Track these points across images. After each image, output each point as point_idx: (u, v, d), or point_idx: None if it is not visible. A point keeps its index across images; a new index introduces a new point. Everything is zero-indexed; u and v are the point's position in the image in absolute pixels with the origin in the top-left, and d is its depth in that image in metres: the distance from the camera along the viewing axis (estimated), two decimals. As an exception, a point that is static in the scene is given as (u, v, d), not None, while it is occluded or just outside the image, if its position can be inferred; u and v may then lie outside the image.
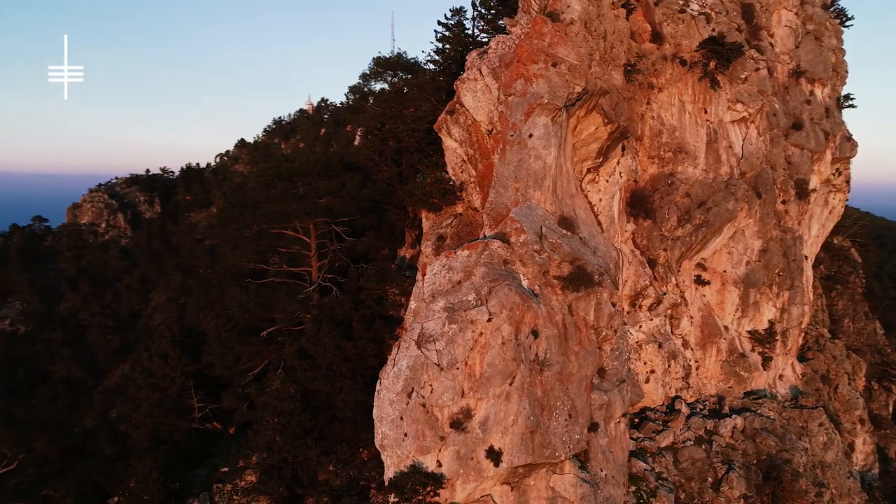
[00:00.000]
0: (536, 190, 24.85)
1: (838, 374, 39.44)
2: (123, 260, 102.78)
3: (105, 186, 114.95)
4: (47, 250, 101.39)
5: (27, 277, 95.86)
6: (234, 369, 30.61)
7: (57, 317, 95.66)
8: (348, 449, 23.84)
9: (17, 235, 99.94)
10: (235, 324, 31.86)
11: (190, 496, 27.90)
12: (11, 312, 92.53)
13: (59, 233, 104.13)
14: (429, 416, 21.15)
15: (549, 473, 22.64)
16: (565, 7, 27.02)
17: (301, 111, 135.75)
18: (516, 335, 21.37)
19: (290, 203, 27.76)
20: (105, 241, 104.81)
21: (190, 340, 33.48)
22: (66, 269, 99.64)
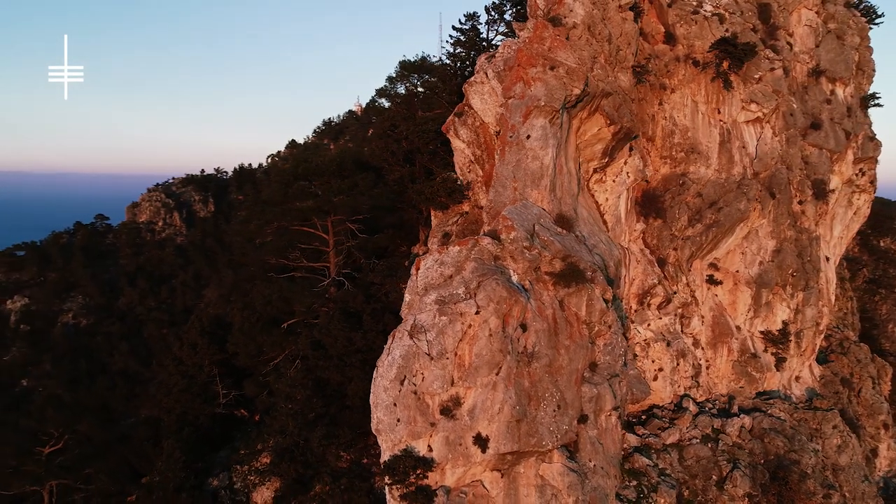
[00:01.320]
0: (534, 189, 25.77)
1: (862, 377, 38.83)
2: (178, 257, 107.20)
3: (162, 186, 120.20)
4: (108, 247, 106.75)
5: (89, 273, 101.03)
6: (256, 359, 32.43)
7: (116, 311, 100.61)
8: (350, 433, 25.21)
9: (81, 233, 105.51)
10: (259, 316, 33.73)
11: (211, 476, 29.83)
12: (74, 306, 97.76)
13: (119, 230, 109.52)
14: (420, 402, 22.30)
15: (539, 462, 23.49)
16: (568, 12, 27.84)
17: (350, 112, 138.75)
18: (503, 327, 22.35)
19: (305, 201, 29.35)
20: (161, 239, 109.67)
21: (219, 331, 35.49)
22: (126, 265, 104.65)
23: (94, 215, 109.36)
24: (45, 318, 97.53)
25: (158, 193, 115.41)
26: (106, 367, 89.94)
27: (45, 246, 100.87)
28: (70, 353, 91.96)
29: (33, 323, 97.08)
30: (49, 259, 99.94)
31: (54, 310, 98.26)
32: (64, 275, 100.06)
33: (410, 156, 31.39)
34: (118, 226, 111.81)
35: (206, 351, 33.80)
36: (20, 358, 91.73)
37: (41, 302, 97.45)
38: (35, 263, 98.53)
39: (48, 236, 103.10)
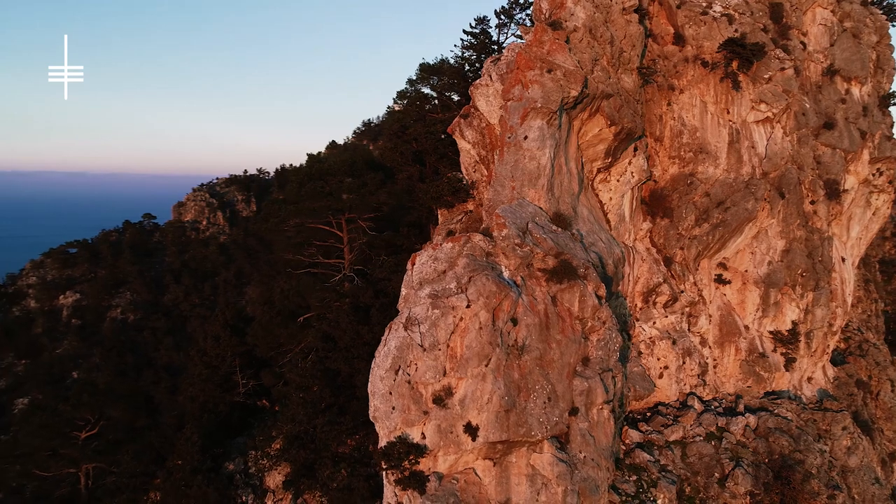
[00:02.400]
0: (531, 188, 26.58)
1: (881, 380, 38.33)
2: (221, 255, 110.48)
3: (207, 186, 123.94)
4: (155, 245, 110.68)
5: (137, 270, 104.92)
6: (274, 351, 33.97)
7: (162, 307, 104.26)
8: (352, 421, 26.40)
9: (129, 231, 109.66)
10: (279, 310, 35.29)
11: (228, 460, 31.47)
12: (122, 302, 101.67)
13: (166, 229, 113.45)
14: (414, 392, 23.36)
15: (530, 452, 24.30)
16: (569, 15, 28.58)
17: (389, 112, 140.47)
18: (493, 321, 23.26)
19: (318, 200, 30.72)
20: (206, 238, 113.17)
21: (241, 325, 37.17)
22: (171, 262, 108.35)
23: (142, 214, 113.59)
24: (96, 312, 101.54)
25: (203, 193, 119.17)
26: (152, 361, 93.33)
27: (96, 243, 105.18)
28: (118, 347, 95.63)
29: (84, 317, 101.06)
30: (99, 256, 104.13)
31: (104, 305, 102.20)
32: (113, 271, 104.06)
33: (420, 156, 32.49)
34: (164, 224, 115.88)
35: (229, 343, 35.51)
36: (71, 350, 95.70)
37: (92, 297, 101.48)
38: (86, 260, 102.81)
39: (98, 234, 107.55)
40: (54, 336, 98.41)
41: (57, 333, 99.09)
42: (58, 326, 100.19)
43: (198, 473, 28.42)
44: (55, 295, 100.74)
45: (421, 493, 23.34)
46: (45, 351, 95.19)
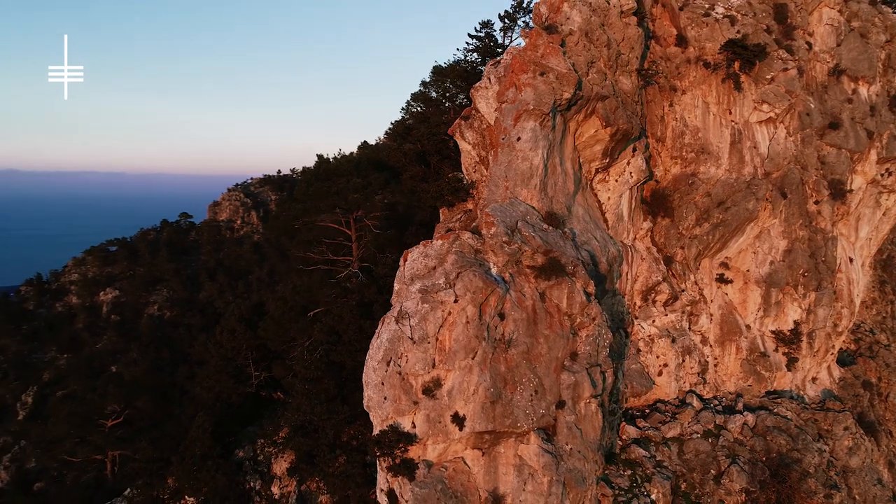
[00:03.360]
0: (523, 188, 27.38)
1: (890, 382, 38.02)
2: (255, 254, 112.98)
3: (241, 186, 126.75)
4: (191, 244, 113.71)
5: (173, 267, 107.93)
6: (286, 344, 35.33)
7: (197, 304, 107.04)
8: (350, 410, 27.51)
9: (167, 230, 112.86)
10: (291, 305, 36.67)
11: (238, 448, 32.95)
12: (159, 299, 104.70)
13: (201, 228, 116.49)
14: (404, 382, 24.37)
15: (518, 443, 25.09)
16: (564, 20, 29.31)
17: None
18: (480, 315, 24.15)
19: (324, 199, 31.97)
20: (240, 237, 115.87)
21: (256, 319, 38.67)
22: (206, 261, 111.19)
23: (179, 213, 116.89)
24: (134, 309, 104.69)
25: (238, 193, 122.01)
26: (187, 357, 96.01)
27: (135, 242, 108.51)
28: (154, 343, 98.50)
29: (123, 314, 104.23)
30: (138, 254, 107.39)
31: (141, 302, 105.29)
32: (151, 269, 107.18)
33: (424, 157, 33.52)
34: (200, 223, 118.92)
35: (243, 336, 37.03)
36: (110, 346, 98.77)
37: (130, 294, 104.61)
38: (125, 258, 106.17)
39: (137, 233, 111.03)
40: (94, 331, 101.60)
41: (97, 329, 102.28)
42: (98, 322, 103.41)
43: (208, 459, 29.91)
44: (96, 291, 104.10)
45: (410, 480, 24.33)
46: (85, 346, 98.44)
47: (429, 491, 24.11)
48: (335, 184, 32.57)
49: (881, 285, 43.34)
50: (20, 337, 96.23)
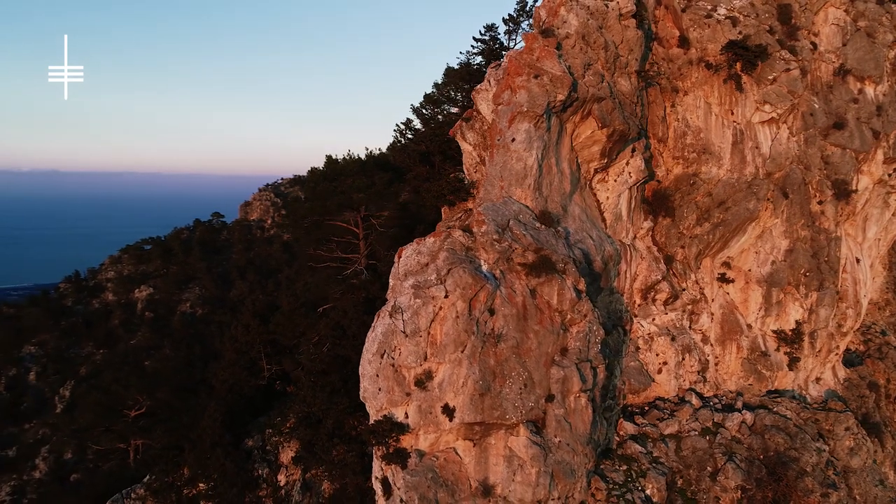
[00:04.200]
0: (518, 188, 28.13)
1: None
2: (284, 253, 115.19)
3: (271, 186, 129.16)
4: (223, 243, 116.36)
5: (205, 266, 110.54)
6: (297, 339, 36.59)
7: (228, 302, 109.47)
8: (349, 401, 28.57)
9: (199, 229, 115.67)
10: (303, 301, 37.96)
11: (248, 437, 34.31)
12: (192, 296, 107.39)
13: (233, 227, 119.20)
14: (398, 374, 25.35)
15: (508, 435, 25.88)
16: (561, 23, 29.99)
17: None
18: (470, 310, 24.99)
19: (331, 198, 33.13)
20: (270, 236, 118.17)
21: (270, 314, 40.03)
22: (237, 259, 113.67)
23: (211, 213, 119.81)
24: (167, 306, 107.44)
25: (268, 193, 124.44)
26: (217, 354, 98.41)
27: (168, 241, 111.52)
28: (186, 339, 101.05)
29: (156, 311, 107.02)
30: (171, 253, 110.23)
31: (174, 299, 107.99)
32: (183, 267, 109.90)
33: (428, 157, 34.45)
34: (232, 223, 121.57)
35: (257, 331, 38.43)
36: (144, 342, 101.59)
37: (163, 292, 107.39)
38: (159, 256, 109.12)
39: (171, 232, 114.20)
40: (129, 327, 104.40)
41: (132, 325, 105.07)
42: (132, 318, 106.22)
43: (217, 447, 31.28)
44: (131, 289, 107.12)
45: (403, 468, 25.33)
46: (120, 341, 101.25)
47: (419, 479, 25.07)
48: (341, 183, 33.70)
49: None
50: (59, 332, 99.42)
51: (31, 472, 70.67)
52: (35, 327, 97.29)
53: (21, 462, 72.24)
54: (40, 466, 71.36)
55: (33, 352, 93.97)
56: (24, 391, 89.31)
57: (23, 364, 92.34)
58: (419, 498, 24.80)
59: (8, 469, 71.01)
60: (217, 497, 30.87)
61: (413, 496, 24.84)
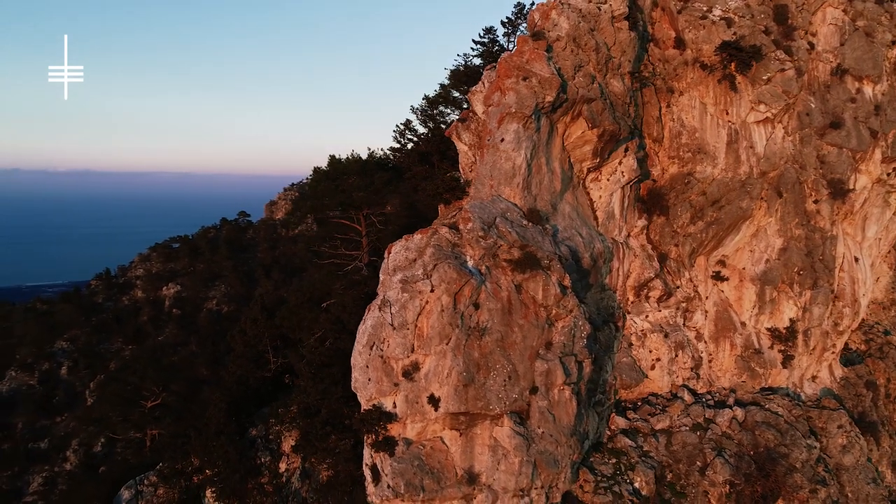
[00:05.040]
0: (507, 187, 28.97)
1: (900, 383, 37.66)
2: (309, 251, 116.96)
3: (297, 185, 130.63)
4: (249, 241, 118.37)
5: (231, 264, 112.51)
6: (302, 332, 37.77)
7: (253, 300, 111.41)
8: (342, 391, 29.62)
9: (226, 228, 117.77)
10: (310, 296, 39.17)
11: (253, 426, 35.65)
12: (218, 294, 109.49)
13: (258, 226, 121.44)
14: (386, 365, 26.37)
15: (493, 425, 26.71)
16: (552, 26, 30.75)
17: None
18: (455, 304, 25.90)
19: (332, 197, 34.31)
20: (294, 235, 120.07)
21: (278, 309, 41.36)
22: (263, 258, 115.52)
23: (238, 212, 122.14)
24: (194, 303, 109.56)
25: (293, 192, 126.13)
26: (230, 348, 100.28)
27: (196, 239, 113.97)
28: (212, 336, 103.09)
29: (184, 308, 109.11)
30: (198, 251, 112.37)
31: (201, 297, 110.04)
32: (210, 266, 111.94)
33: (427, 157, 35.43)
34: (257, 222, 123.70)
35: (264, 325, 39.76)
36: (171, 338, 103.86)
37: (190, 289, 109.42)
38: (187, 255, 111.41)
39: (198, 231, 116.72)
40: (157, 324, 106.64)
41: (160, 322, 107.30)
42: (160, 315, 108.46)
43: (221, 435, 32.61)
44: (159, 286, 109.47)
45: (391, 456, 26.33)
46: (149, 337, 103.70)
47: (406, 466, 26.05)
48: (342, 182, 34.85)
49: (904, 287, 42.65)
50: (90, 328, 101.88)
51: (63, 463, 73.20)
52: (67, 323, 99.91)
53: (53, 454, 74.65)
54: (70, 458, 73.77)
55: (65, 347, 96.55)
56: (55, 385, 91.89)
57: (55, 358, 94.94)
58: (405, 484, 25.77)
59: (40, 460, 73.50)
60: (221, 483, 32.21)
61: (399, 482, 25.82)
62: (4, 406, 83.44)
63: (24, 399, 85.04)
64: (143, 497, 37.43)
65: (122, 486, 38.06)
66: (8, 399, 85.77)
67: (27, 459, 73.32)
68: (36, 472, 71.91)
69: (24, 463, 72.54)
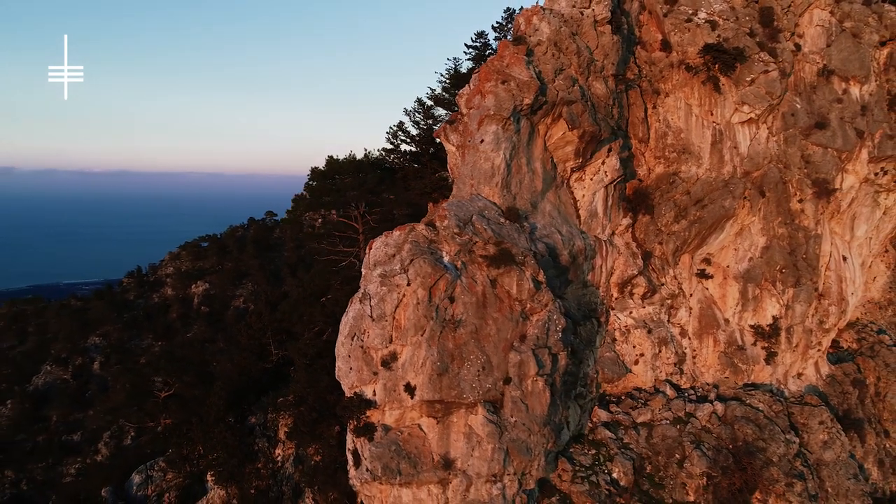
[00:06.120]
0: (486, 186, 30.19)
1: (889, 382, 37.71)
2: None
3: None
4: (275, 240, 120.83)
5: (258, 263, 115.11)
6: (301, 326, 39.54)
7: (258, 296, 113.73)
8: (329, 380, 31.16)
9: (253, 227, 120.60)
10: (311, 291, 40.90)
11: (252, 415, 37.47)
12: (244, 292, 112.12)
13: (284, 225, 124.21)
14: (366, 355, 27.82)
15: (468, 413, 27.96)
16: (533, 31, 31.89)
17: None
18: (430, 298, 27.22)
19: (328, 195, 35.93)
20: (320, 234, 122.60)
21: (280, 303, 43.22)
22: (289, 257, 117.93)
23: (265, 211, 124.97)
24: (221, 301, 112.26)
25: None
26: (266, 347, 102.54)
27: (224, 238, 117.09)
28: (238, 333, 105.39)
29: (212, 305, 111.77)
30: (226, 250, 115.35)
31: (228, 294, 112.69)
32: (238, 264, 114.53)
33: (418, 158, 36.85)
34: (283, 221, 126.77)
35: (268, 319, 41.63)
36: (200, 335, 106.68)
37: (218, 287, 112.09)
38: (215, 253, 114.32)
39: (226, 230, 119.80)
40: (186, 321, 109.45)
41: (189, 319, 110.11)
42: (189, 312, 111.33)
43: (220, 423, 34.48)
44: (188, 284, 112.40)
45: (370, 441, 27.76)
46: (178, 334, 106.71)
47: (383, 450, 27.44)
48: (336, 182, 36.44)
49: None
50: (121, 325, 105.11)
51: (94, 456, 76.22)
52: (100, 320, 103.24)
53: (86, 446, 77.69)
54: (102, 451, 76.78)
55: (98, 342, 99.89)
56: (88, 379, 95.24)
57: (88, 354, 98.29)
58: (382, 468, 27.16)
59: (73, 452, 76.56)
60: (220, 467, 34.02)
61: (377, 466, 27.22)
62: (40, 399, 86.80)
63: (59, 393, 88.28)
64: (152, 481, 39.52)
65: (133, 472, 40.24)
66: (43, 392, 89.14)
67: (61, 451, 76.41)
68: (70, 462, 74.90)
69: (58, 455, 75.58)
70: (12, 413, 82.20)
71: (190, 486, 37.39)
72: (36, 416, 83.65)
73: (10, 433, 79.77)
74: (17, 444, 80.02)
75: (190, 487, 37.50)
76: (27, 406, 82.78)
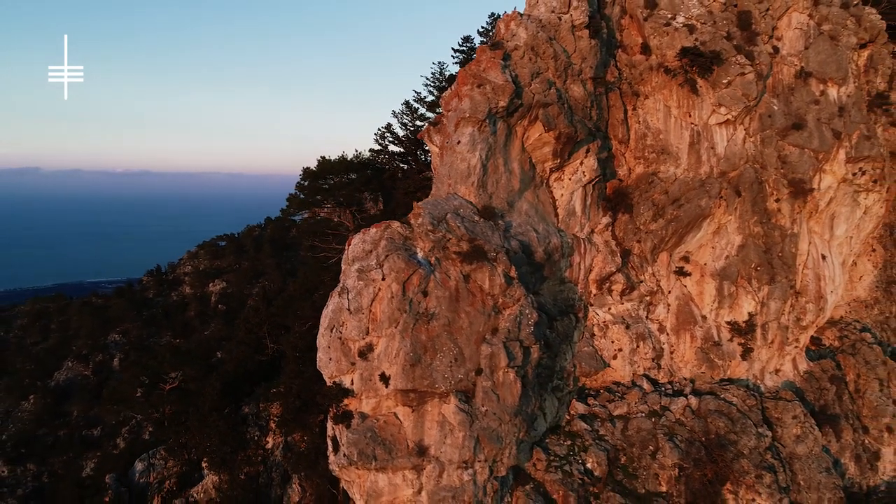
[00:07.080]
0: (462, 185, 31.44)
1: (868, 379, 38.19)
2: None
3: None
4: (291, 240, 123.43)
5: (274, 262, 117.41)
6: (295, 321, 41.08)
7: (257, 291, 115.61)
8: (312, 371, 32.62)
9: (270, 227, 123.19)
10: (306, 287, 42.45)
11: (246, 405, 39.15)
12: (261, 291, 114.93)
13: (300, 225, 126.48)
14: (345, 346, 29.23)
15: (441, 402, 29.21)
16: (511, 36, 33.08)
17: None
18: (404, 292, 28.54)
19: (318, 194, 37.45)
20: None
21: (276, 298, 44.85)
22: (304, 256, 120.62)
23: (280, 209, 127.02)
24: (238, 300, 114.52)
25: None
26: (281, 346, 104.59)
27: (241, 238, 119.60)
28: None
29: (229, 304, 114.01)
30: (243, 249, 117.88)
31: (245, 293, 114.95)
32: (254, 263, 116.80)
33: (404, 158, 38.21)
34: (300, 221, 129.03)
35: (264, 313, 43.28)
36: (217, 333, 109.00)
37: (235, 286, 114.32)
38: (232, 252, 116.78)
39: (244, 229, 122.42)
40: (204, 319, 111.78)
41: (206, 317, 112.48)
42: (207, 311, 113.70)
43: (214, 412, 36.14)
44: (206, 283, 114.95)
45: (347, 428, 29.14)
46: (195, 332, 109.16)
47: (359, 437, 28.79)
48: (326, 181, 37.95)
49: (887, 286, 42.86)
50: (140, 322, 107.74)
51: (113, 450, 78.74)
52: (120, 317, 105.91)
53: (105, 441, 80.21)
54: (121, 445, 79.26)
55: (117, 339, 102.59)
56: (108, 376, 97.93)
57: (108, 350, 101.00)
58: (358, 453, 28.51)
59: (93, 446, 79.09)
60: (214, 454, 35.72)
61: (353, 451, 28.57)
62: (61, 395, 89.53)
63: (80, 388, 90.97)
64: (154, 469, 41.41)
65: (136, 459, 42.16)
66: (64, 388, 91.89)
67: (81, 445, 78.89)
68: (89, 457, 77.45)
69: (79, 449, 78.06)
70: (34, 408, 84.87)
71: (189, 473, 39.23)
72: (57, 411, 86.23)
73: (32, 427, 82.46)
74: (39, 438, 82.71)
75: (189, 474, 39.35)
76: (49, 401, 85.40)
